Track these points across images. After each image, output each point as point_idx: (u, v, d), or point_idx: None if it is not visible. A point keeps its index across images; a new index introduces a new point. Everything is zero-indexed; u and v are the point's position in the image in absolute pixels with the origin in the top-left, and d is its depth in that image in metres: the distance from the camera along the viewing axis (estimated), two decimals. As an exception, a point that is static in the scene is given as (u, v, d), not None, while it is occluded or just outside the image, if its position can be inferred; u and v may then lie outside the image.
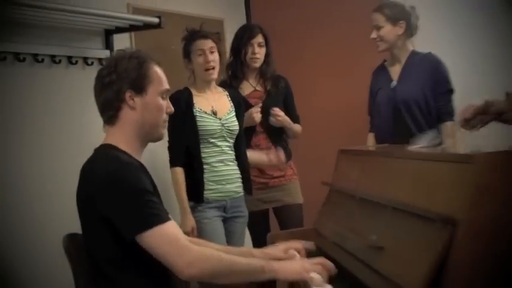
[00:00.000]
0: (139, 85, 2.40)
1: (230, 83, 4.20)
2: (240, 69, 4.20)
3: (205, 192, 3.70)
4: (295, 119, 4.24)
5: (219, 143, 3.77)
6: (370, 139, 4.02)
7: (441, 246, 1.89)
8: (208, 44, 3.79)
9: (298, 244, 2.73)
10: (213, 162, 3.75)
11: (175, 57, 3.95)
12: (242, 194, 3.90)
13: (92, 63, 3.90)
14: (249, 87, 4.20)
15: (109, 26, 4.02)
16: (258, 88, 4.20)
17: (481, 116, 2.61)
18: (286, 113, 4.18)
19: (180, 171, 3.65)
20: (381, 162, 2.75)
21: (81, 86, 3.79)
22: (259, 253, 2.68)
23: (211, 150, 3.76)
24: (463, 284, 1.86)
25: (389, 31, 3.78)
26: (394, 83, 3.81)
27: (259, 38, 4.13)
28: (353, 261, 2.46)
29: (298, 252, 2.68)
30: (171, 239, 2.23)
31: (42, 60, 3.61)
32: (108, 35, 4.06)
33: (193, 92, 3.80)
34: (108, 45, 4.06)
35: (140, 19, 4.04)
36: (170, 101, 2.57)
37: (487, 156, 1.95)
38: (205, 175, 3.71)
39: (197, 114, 3.71)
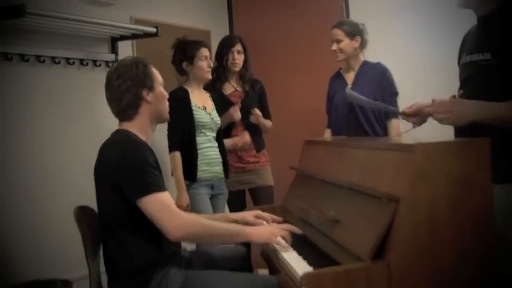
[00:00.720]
0: (149, 83, 2.53)
1: (214, 84, 4.21)
2: (222, 72, 4.21)
3: (198, 172, 3.73)
4: (267, 115, 4.27)
5: (208, 133, 3.82)
6: (327, 134, 4.04)
7: (386, 219, 1.92)
8: (208, 51, 3.86)
9: (267, 215, 2.78)
10: (204, 148, 3.79)
11: (169, 61, 3.94)
12: (223, 175, 3.94)
13: (100, 65, 3.90)
14: (230, 87, 4.22)
15: (114, 34, 4.01)
16: (238, 89, 4.21)
17: (420, 114, 2.57)
18: (261, 111, 4.21)
19: (178, 155, 3.66)
20: (338, 150, 2.76)
21: (91, 84, 3.83)
22: (235, 215, 2.78)
23: (203, 138, 3.79)
24: (402, 250, 1.89)
25: (347, 44, 3.81)
26: (349, 87, 3.74)
27: (238, 47, 4.15)
28: (314, 233, 2.48)
29: (267, 221, 2.74)
30: (164, 205, 2.29)
31: (59, 62, 3.63)
32: (114, 41, 4.06)
33: (189, 90, 3.81)
34: (114, 50, 4.07)
35: (141, 29, 4.04)
36: (170, 96, 2.71)
37: (425, 146, 1.98)
38: (198, 158, 3.74)
39: (194, 108, 3.73)
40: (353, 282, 1.88)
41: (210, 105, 3.93)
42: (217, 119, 3.91)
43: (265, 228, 2.54)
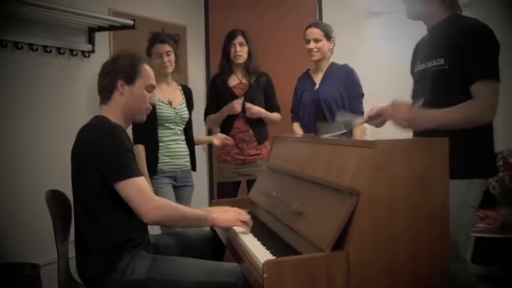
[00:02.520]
0: (130, 77, 2.56)
1: (220, 76, 4.27)
2: (226, 65, 4.25)
3: (159, 164, 3.75)
4: (273, 108, 4.29)
5: (173, 127, 3.83)
6: (297, 127, 4.08)
7: (346, 212, 1.98)
8: (165, 48, 3.83)
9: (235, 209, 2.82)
10: (167, 141, 3.81)
11: (145, 53, 3.96)
12: (190, 167, 3.97)
13: (77, 54, 3.90)
14: (235, 79, 4.25)
15: (92, 25, 4.00)
16: (243, 81, 4.25)
17: (381, 116, 2.69)
18: (267, 104, 4.26)
19: (141, 147, 3.67)
20: (304, 146, 2.81)
21: (67, 72, 3.87)
22: (204, 209, 2.80)
23: (166, 131, 3.81)
24: (361, 241, 1.96)
25: (324, 44, 3.89)
26: (317, 86, 3.91)
27: (240, 39, 4.19)
28: (278, 224, 2.53)
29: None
30: (140, 189, 2.36)
31: (37, 49, 3.64)
32: (91, 32, 4.06)
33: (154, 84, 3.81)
34: (91, 40, 4.07)
35: (118, 21, 4.04)
36: None
37: (386, 143, 2.04)
38: (160, 151, 3.77)
39: (157, 102, 3.72)
40: (313, 271, 1.93)
41: (178, 99, 3.94)
42: (184, 114, 3.91)
43: (229, 214, 2.65)
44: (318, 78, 3.98)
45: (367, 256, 1.96)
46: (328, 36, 3.91)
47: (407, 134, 2.63)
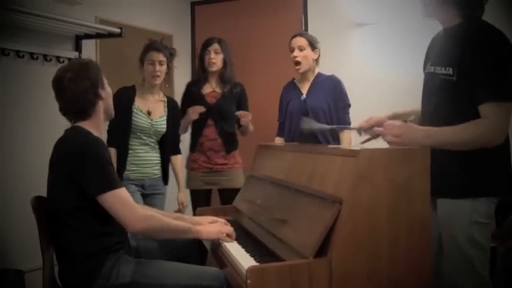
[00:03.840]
0: (101, 82, 2.58)
1: (194, 84, 4.25)
2: (202, 73, 4.22)
3: (126, 171, 3.74)
4: None
5: (144, 137, 3.81)
6: (278, 142, 4.10)
7: (329, 219, 2.01)
8: (159, 57, 3.80)
9: (221, 219, 2.85)
10: (136, 149, 3.79)
11: (131, 62, 3.97)
12: (159, 175, 3.94)
13: (63, 61, 3.91)
14: (209, 88, 4.20)
15: (79, 33, 4.03)
16: (217, 90, 4.20)
17: (375, 128, 2.59)
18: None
19: (113, 151, 3.65)
20: (287, 154, 2.85)
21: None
22: (188, 218, 2.86)
23: (137, 141, 3.79)
24: (343, 248, 1.99)
25: (309, 53, 3.89)
26: (304, 96, 3.92)
27: (215, 46, 4.14)
28: (262, 231, 2.56)
29: None
30: (125, 200, 2.38)
31: (23, 56, 3.66)
32: (78, 39, 4.09)
33: (138, 91, 3.82)
34: (78, 48, 4.10)
35: (105, 28, 4.07)
36: (117, 92, 2.78)
37: (368, 152, 2.08)
38: (128, 158, 3.76)
39: (134, 110, 3.72)
40: (296, 277, 1.96)
41: (159, 112, 3.89)
42: (160, 127, 3.86)
43: (213, 226, 2.68)
44: (304, 88, 3.99)
45: (349, 263, 2.00)
46: (312, 46, 3.92)
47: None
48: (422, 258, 2.12)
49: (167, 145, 3.96)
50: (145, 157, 3.84)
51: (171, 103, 4.01)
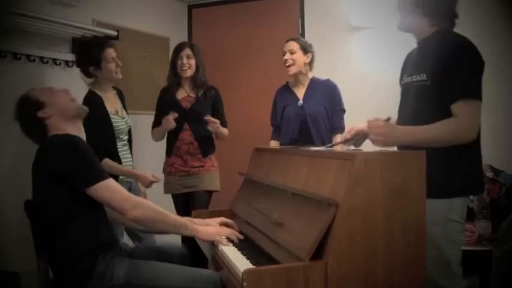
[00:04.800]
0: (39, 105, 2.62)
1: (168, 89, 4.24)
2: (174, 78, 4.22)
3: (120, 177, 3.69)
4: (222, 123, 4.23)
5: (122, 136, 3.79)
6: (274, 145, 4.12)
7: (325, 222, 2.02)
8: (114, 52, 3.73)
9: (230, 221, 2.88)
10: (122, 151, 3.78)
11: (128, 64, 3.96)
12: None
13: (60, 64, 3.93)
14: (183, 92, 4.21)
15: (76, 35, 4.03)
16: (191, 94, 4.21)
17: (359, 136, 2.78)
18: (216, 118, 4.18)
19: (109, 160, 3.58)
20: (284, 158, 2.85)
21: (50, 81, 3.87)
22: (197, 221, 2.83)
23: (121, 144, 3.77)
24: (339, 251, 2.00)
25: (300, 57, 3.95)
26: (301, 101, 3.96)
27: (187, 51, 4.15)
28: (258, 235, 2.57)
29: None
30: (116, 189, 2.41)
31: (20, 58, 3.66)
32: (75, 42, 4.05)
33: (100, 94, 3.70)
34: (74, 50, 4.04)
35: (102, 31, 4.08)
36: (85, 104, 2.91)
37: (364, 155, 2.09)
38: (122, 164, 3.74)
39: (111, 116, 3.67)
40: (292, 280, 1.97)
41: (119, 107, 3.85)
42: (129, 121, 3.86)
43: (211, 228, 2.69)
44: (300, 93, 4.03)
45: (345, 266, 2.00)
46: (304, 49, 3.98)
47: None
48: (417, 261, 2.13)
49: (131, 137, 3.95)
50: (128, 158, 3.84)
51: (119, 93, 3.96)
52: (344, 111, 3.97)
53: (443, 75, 2.40)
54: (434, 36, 2.57)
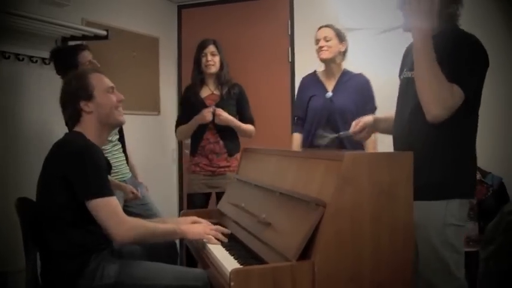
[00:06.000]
0: (88, 93, 2.59)
1: (192, 88, 4.21)
2: (198, 76, 4.18)
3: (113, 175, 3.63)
4: (246, 120, 4.19)
5: (113, 139, 3.75)
6: (297, 140, 3.91)
7: (313, 222, 2.02)
8: (90, 54, 3.68)
9: (204, 220, 2.85)
10: (113, 153, 3.75)
11: (117, 64, 3.96)
12: (130, 175, 3.92)
13: (49, 63, 3.89)
14: (207, 91, 4.18)
15: (65, 34, 4.01)
16: (216, 92, 4.17)
17: (368, 129, 2.79)
18: (240, 115, 4.18)
19: None
20: (272, 158, 2.85)
21: (39, 80, 3.87)
22: (170, 220, 2.89)
23: (110, 145, 3.71)
24: (326, 251, 2.00)
25: (336, 44, 3.75)
26: (330, 93, 3.73)
27: (211, 48, 4.12)
28: (246, 234, 2.57)
29: None
30: (112, 210, 2.40)
31: (9, 57, 3.66)
32: (64, 41, 4.06)
33: None
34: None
35: (91, 31, 4.06)
36: None
37: (352, 156, 2.08)
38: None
39: None
40: (279, 280, 1.96)
41: None
42: None
43: (199, 227, 2.69)
44: (330, 84, 3.81)
45: (332, 266, 2.00)
46: (340, 37, 3.77)
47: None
48: (404, 262, 2.13)
49: (123, 136, 3.91)
50: (121, 157, 3.82)
51: None
52: (375, 108, 3.72)
53: (445, 73, 2.32)
54: (439, 34, 2.44)
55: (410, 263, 2.15)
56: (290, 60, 5.14)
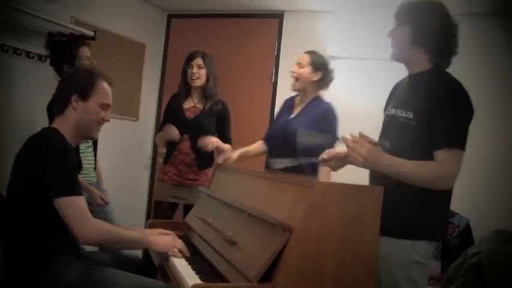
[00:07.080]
0: (85, 93, 2.59)
1: (177, 97, 4.20)
2: (183, 87, 4.17)
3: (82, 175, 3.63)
4: (224, 139, 4.10)
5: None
6: (256, 144, 3.89)
7: (277, 246, 2.03)
8: (89, 51, 3.74)
9: (171, 232, 2.84)
10: (86, 154, 3.73)
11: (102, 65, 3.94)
12: (96, 178, 3.91)
13: (33, 57, 3.90)
14: (190, 102, 4.17)
15: (52, 30, 4.00)
16: (198, 105, 4.15)
17: (338, 160, 2.75)
18: (219, 133, 4.15)
19: None
20: (245, 177, 2.87)
21: (21, 74, 3.86)
22: (138, 230, 2.85)
23: (85, 145, 3.71)
24: (288, 275, 2.00)
25: (306, 72, 3.64)
26: (292, 116, 3.72)
27: (199, 61, 4.11)
28: (210, 251, 2.56)
29: None
30: (78, 209, 2.38)
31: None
32: (51, 37, 4.05)
33: None
34: (48, 46, 4.06)
35: (78, 29, 4.06)
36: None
37: (324, 184, 2.13)
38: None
39: None
40: (238, 300, 1.98)
41: None
42: None
43: (165, 238, 2.67)
44: (298, 109, 3.76)
45: (293, 290, 2.01)
46: (315, 66, 3.65)
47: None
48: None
49: (96, 142, 3.89)
50: (91, 160, 3.80)
51: None
52: (336, 139, 3.55)
53: (430, 119, 2.34)
54: (428, 74, 2.47)
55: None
56: (273, 81, 5.18)
